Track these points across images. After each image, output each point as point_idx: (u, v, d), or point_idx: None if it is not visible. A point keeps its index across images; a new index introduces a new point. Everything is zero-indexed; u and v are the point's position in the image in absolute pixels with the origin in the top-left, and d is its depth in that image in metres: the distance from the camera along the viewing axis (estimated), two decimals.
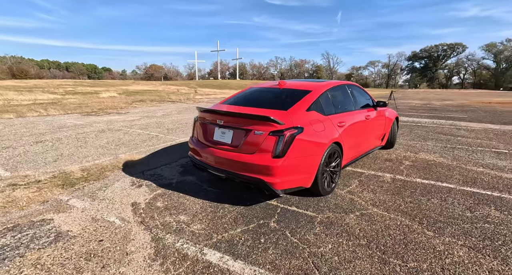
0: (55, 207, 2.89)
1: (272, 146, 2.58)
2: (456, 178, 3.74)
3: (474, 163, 4.45)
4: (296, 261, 2.02)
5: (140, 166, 4.22)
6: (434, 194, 3.21)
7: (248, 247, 2.21)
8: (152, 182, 3.58)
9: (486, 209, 2.82)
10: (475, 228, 2.47)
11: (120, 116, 9.81)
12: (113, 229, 2.48)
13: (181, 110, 11.83)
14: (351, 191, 3.30)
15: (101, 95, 20.75)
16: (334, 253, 2.10)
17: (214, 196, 3.18)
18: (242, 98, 3.59)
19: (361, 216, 2.69)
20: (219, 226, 2.54)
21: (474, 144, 5.83)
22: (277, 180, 2.59)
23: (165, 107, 13.38)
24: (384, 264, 1.97)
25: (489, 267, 1.93)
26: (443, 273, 1.88)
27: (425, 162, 4.49)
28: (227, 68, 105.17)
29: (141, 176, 3.81)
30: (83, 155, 4.79)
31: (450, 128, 7.93)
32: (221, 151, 2.87)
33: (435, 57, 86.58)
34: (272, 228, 2.48)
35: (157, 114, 10.52)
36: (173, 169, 4.11)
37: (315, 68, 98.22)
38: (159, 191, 3.32)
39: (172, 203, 3.00)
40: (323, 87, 3.39)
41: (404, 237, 2.32)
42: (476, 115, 11.06)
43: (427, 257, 2.04)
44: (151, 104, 14.77)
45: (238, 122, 2.79)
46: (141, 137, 6.20)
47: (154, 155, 4.82)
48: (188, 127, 7.60)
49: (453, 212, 2.76)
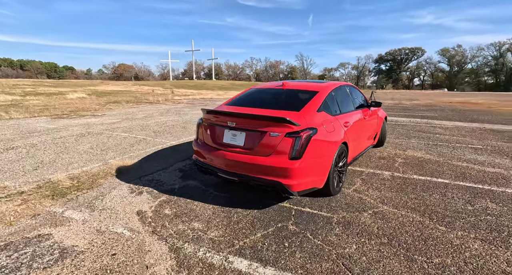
0: (50, 221, 2.61)
1: (289, 148, 2.55)
2: (448, 173, 3.98)
3: (457, 158, 4.78)
4: (327, 264, 2.00)
5: (134, 171, 3.97)
6: (433, 189, 3.39)
7: (274, 252, 2.16)
8: (152, 189, 3.38)
9: (483, 202, 3.03)
10: (480, 221, 2.63)
11: (97, 119, 9.22)
12: (124, 241, 2.29)
13: (162, 112, 11.39)
14: (357, 190, 3.37)
15: (68, 96, 19.38)
16: (361, 254, 2.12)
17: (223, 200, 3.07)
18: (248, 99, 3.52)
19: (375, 214, 2.75)
20: (237, 231, 2.45)
21: (452, 141, 6.27)
22: (294, 182, 2.56)
23: (144, 108, 12.81)
24: (411, 261, 2.02)
25: (506, 259, 2.06)
26: (466, 266, 1.97)
27: (416, 159, 4.73)
28: (202, 68, 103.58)
29: (139, 182, 3.59)
30: (66, 162, 4.41)
31: (426, 126, 8.46)
32: (233, 154, 2.78)
33: (399, 60, 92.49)
34: (292, 231, 2.45)
35: (137, 116, 10.03)
36: (172, 173, 3.92)
37: (290, 69, 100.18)
38: (163, 197, 3.14)
39: (181, 209, 2.86)
40: (328, 87, 3.43)
41: (420, 233, 2.40)
42: (445, 114, 11.93)
43: (448, 252, 2.13)
44: (128, 106, 14.07)
45: (252, 123, 2.72)
46: (128, 141, 5.86)
47: (147, 159, 4.57)
48: (175, 129, 7.32)
49: (456, 206, 2.92)
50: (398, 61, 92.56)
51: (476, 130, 7.71)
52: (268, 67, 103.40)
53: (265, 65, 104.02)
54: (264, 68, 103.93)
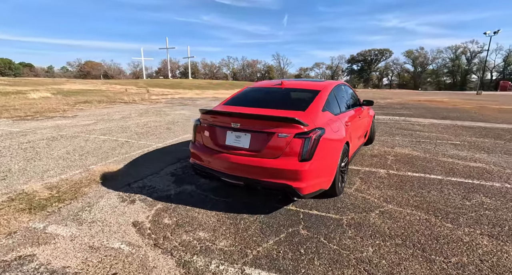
0: (30, 239, 2.28)
1: (299, 149, 2.44)
2: (438, 169, 4.12)
3: (442, 154, 4.99)
4: (349, 271, 1.92)
5: (122, 178, 3.65)
6: (430, 186, 3.47)
7: (291, 260, 2.04)
8: (146, 196, 3.12)
9: (478, 197, 3.15)
10: (480, 216, 2.72)
11: (69, 120, 8.50)
12: (123, 258, 2.05)
13: (141, 112, 10.80)
14: (359, 189, 3.36)
15: (29, 96, 17.75)
16: (379, 257, 2.07)
17: (225, 206, 2.90)
18: (248, 99, 3.36)
19: (382, 214, 2.74)
20: (248, 239, 2.30)
21: (433, 137, 6.57)
22: (304, 184, 2.46)
23: (120, 109, 12.08)
24: (430, 262, 2.01)
25: None
26: (483, 264, 1.99)
27: (405, 156, 4.87)
28: (177, 67, 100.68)
29: (129, 189, 3.29)
30: (40, 170, 3.96)
31: (405, 123, 8.83)
32: (238, 157, 2.62)
33: (369, 60, 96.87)
34: (305, 236, 2.35)
35: (114, 117, 9.41)
36: (164, 178, 3.66)
37: (267, 69, 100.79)
38: (160, 205, 2.90)
39: (182, 218, 2.64)
40: (328, 86, 3.38)
41: (430, 232, 2.41)
42: (419, 112, 12.59)
43: (462, 250, 2.15)
44: (101, 106, 13.20)
45: (258, 124, 2.57)
46: (109, 144, 5.43)
47: (134, 164, 4.24)
48: (159, 130, 6.94)
49: (455, 202, 3.01)
50: (369, 62, 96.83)
51: (450, 127, 8.18)
52: (245, 66, 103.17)
53: (242, 64, 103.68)
54: (241, 67, 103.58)
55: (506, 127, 8.20)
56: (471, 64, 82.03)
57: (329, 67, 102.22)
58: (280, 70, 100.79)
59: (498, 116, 11.12)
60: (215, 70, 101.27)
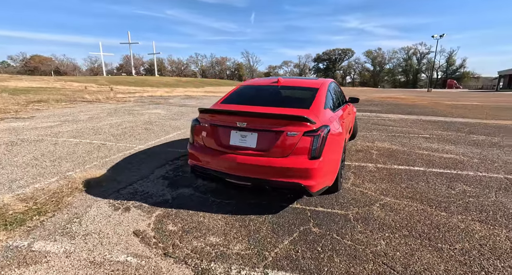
0: (15, 259, 1.99)
1: (308, 148, 2.44)
2: (419, 161, 4.43)
3: (418, 147, 5.37)
4: (369, 265, 1.97)
5: (108, 184, 3.35)
6: (416, 177, 3.71)
7: (311, 259, 2.03)
8: (141, 202, 2.90)
9: (459, 186, 3.43)
10: (467, 203, 2.96)
11: (26, 123, 7.62)
12: (133, 271, 1.88)
13: (110, 112, 10.06)
14: (354, 183, 3.47)
15: None
16: (393, 249, 2.15)
17: (230, 208, 2.81)
18: (246, 97, 3.27)
19: (382, 207, 2.85)
20: (262, 241, 2.25)
21: (405, 131, 7.05)
22: (314, 182, 2.47)
23: (84, 108, 11.14)
24: (439, 251, 2.13)
25: (506, 236, 2.33)
26: (483, 248, 2.17)
27: (386, 150, 5.15)
28: (141, 63, 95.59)
29: (120, 196, 3.04)
30: (6, 179, 3.49)
31: (378, 119, 9.37)
32: (245, 157, 2.54)
33: (334, 59, 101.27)
34: (318, 234, 2.36)
35: (80, 117, 8.64)
36: (156, 183, 3.43)
37: (236, 66, 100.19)
38: (159, 211, 2.71)
39: (188, 223, 2.50)
40: (324, 84, 3.43)
41: (430, 221, 2.57)
42: (386, 108, 13.45)
43: (462, 237, 2.32)
44: (60, 106, 12.06)
45: (266, 123, 2.51)
46: (83, 148, 4.96)
47: (118, 168, 3.92)
48: (137, 131, 6.52)
49: (442, 192, 3.24)
50: (333, 61, 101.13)
51: (417, 122, 8.86)
52: (214, 63, 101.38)
53: (211, 62, 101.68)
54: (210, 65, 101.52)
55: (462, 121, 9.10)
56: (421, 64, 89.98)
57: (297, 65, 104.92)
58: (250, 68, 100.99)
59: (453, 111, 12.31)
60: (183, 68, 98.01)
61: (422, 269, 1.92)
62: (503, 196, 3.15)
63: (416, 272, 1.88)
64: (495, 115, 10.71)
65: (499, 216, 2.69)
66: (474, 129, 7.50)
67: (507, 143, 5.86)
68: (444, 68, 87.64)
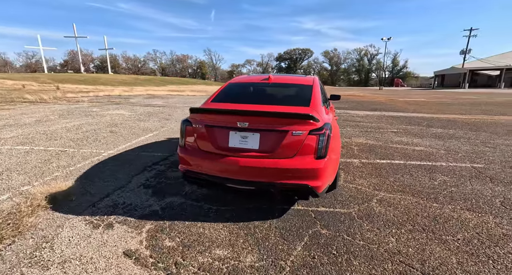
0: None
1: (314, 147, 2.33)
2: (397, 155, 4.65)
3: (391, 141, 5.67)
4: (388, 265, 1.93)
5: (80, 198, 2.89)
6: (400, 171, 3.86)
7: (330, 265, 1.93)
8: (125, 217, 2.53)
9: (439, 177, 3.65)
10: (450, 192, 3.14)
11: None
12: None
13: (63, 114, 8.94)
14: (347, 180, 3.48)
15: None
16: (405, 246, 2.15)
17: (229, 214, 2.59)
18: (239, 95, 3.04)
19: (380, 202, 2.88)
20: (274, 249, 2.09)
21: (375, 127, 7.44)
22: (320, 182, 2.37)
23: (27, 110, 9.76)
24: (445, 243, 2.18)
25: (494, 222, 2.49)
26: (480, 236, 2.27)
27: (364, 145, 5.34)
28: (91, 60, 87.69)
29: (97, 211, 2.62)
30: None
31: (347, 116, 9.78)
32: (247, 160, 2.34)
33: (294, 59, 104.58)
34: (329, 236, 2.27)
35: (24, 120, 7.51)
36: (137, 192, 3.05)
37: (199, 64, 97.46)
38: (149, 226, 2.38)
39: (186, 237, 2.22)
40: (315, 81, 3.36)
41: (427, 213, 2.66)
42: (351, 105, 14.16)
43: (460, 226, 2.42)
44: None
45: (269, 122, 2.34)
46: (37, 157, 4.25)
47: (87, 178, 3.42)
48: (101, 135, 5.84)
49: (427, 183, 3.41)
50: (294, 60, 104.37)
51: (382, 117, 9.45)
52: (175, 61, 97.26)
53: (171, 59, 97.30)
54: (170, 62, 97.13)
55: (419, 116, 9.94)
56: (371, 64, 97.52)
57: (260, 64, 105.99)
58: (213, 66, 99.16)
59: (408, 107, 13.43)
60: (140, 65, 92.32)
61: (437, 264, 1.93)
62: (477, 183, 3.42)
63: (434, 268, 1.89)
64: (442, 110, 11.93)
65: (482, 203, 2.89)
66: (431, 123, 8.22)
67: (460, 134, 6.49)
68: (391, 68, 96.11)
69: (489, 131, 6.89)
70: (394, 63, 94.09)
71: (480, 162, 4.29)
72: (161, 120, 8.06)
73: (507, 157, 4.57)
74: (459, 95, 24.89)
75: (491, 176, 3.67)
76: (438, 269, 1.87)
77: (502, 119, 9.14)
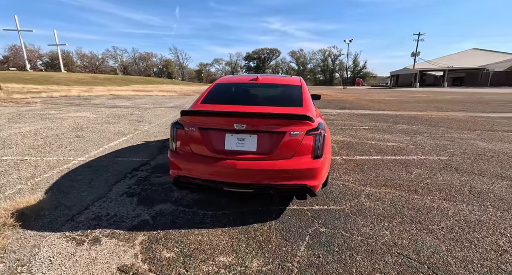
0: None
1: (311, 147, 2.36)
2: (373, 151, 4.92)
3: (365, 138, 5.99)
4: (388, 258, 2.01)
5: (53, 212, 2.59)
6: (379, 166, 4.09)
7: (335, 262, 1.96)
8: (112, 229, 2.32)
9: (414, 170, 3.94)
10: (427, 184, 3.40)
11: None
12: None
13: (13, 118, 7.99)
14: (334, 177, 3.59)
15: None
16: (399, 238, 2.26)
17: (226, 219, 2.51)
18: (229, 96, 2.96)
19: (368, 197, 3.02)
20: (278, 251, 2.07)
21: (348, 124, 7.80)
22: (317, 182, 2.41)
23: None
24: (432, 232, 2.35)
25: (469, 210, 2.75)
26: (460, 223, 2.49)
27: (342, 142, 5.56)
28: (38, 56, 79.40)
29: (78, 226, 2.37)
30: None
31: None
32: (245, 162, 2.29)
33: (263, 58, 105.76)
34: (328, 234, 2.31)
35: None
36: (120, 201, 2.83)
37: (165, 63, 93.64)
38: (142, 237, 2.22)
39: (185, 245, 2.11)
40: (302, 81, 3.41)
41: (412, 205, 2.84)
42: (321, 104, 14.66)
43: (441, 215, 2.62)
44: None
45: (266, 124, 2.31)
46: None
47: (59, 189, 3.09)
48: (67, 140, 5.31)
49: (404, 176, 3.65)
50: (263, 60, 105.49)
51: (352, 115, 9.94)
52: (138, 59, 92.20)
53: (134, 57, 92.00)
54: (133, 60, 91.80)
55: (384, 113, 10.65)
56: (335, 64, 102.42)
57: (229, 63, 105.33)
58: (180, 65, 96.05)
59: (373, 105, 14.32)
60: (98, 63, 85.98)
61: (430, 253, 2.07)
62: (446, 174, 3.75)
63: (429, 257, 2.02)
64: (403, 108, 12.92)
65: (454, 192, 3.17)
66: (396, 120, 8.85)
67: (423, 130, 7.08)
68: (352, 68, 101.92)
69: (445, 126, 7.62)
70: (355, 64, 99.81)
71: (444, 155, 4.71)
72: (132, 122, 7.59)
73: (465, 149, 5.09)
74: (413, 93, 27.21)
75: (456, 167, 4.05)
76: (432, 258, 2.01)
77: (453, 115, 10.16)
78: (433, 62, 51.85)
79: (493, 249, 2.11)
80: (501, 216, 2.62)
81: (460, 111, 11.34)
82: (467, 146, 5.33)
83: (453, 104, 14.36)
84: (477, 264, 1.94)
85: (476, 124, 7.99)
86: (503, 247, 2.13)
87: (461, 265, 1.92)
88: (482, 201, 2.94)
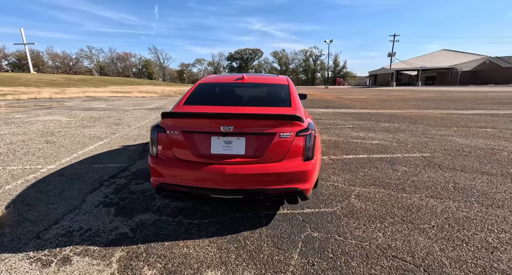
0: None
1: (302, 148, 2.25)
2: (359, 150, 4.92)
3: (351, 137, 6.01)
4: (383, 262, 1.95)
5: (16, 229, 2.31)
6: (366, 164, 4.08)
7: (331, 269, 1.87)
8: (85, 246, 2.09)
9: (400, 168, 3.96)
10: (413, 182, 3.41)
11: None
12: None
13: None
14: (323, 178, 3.51)
15: None
16: (392, 239, 2.21)
17: (213, 228, 2.35)
18: (214, 96, 2.79)
19: (358, 198, 2.96)
20: (271, 261, 1.94)
21: (332, 123, 7.83)
22: (309, 185, 2.31)
23: None
24: (423, 231, 2.32)
25: (456, 206, 2.76)
26: (449, 220, 2.48)
27: (328, 141, 5.54)
28: (3, 56, 74.52)
29: (44, 244, 2.12)
30: None
31: None
32: (234, 166, 2.14)
33: (245, 59, 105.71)
34: (321, 238, 2.22)
35: None
36: (95, 213, 2.58)
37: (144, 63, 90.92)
38: (120, 253, 2.01)
39: (169, 260, 1.93)
40: (289, 80, 3.31)
41: (401, 204, 2.81)
42: (306, 103, 14.66)
43: (430, 213, 2.61)
44: None
45: (255, 125, 2.17)
46: None
47: (23, 202, 2.79)
48: (35, 146, 4.89)
49: (391, 175, 3.65)
50: (245, 60, 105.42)
51: (336, 114, 10.04)
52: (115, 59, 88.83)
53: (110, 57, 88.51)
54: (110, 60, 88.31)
55: (366, 112, 10.86)
56: (316, 64, 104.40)
57: (211, 63, 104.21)
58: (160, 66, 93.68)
59: (355, 104, 14.60)
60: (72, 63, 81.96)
61: (425, 254, 2.02)
62: (431, 172, 3.79)
63: (423, 258, 1.97)
64: (383, 106, 13.27)
65: (440, 189, 3.19)
66: (378, 118, 9.02)
67: (404, 127, 7.25)
68: (332, 68, 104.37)
69: (424, 124, 7.85)
70: (335, 64, 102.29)
71: (426, 152, 4.80)
72: (110, 125, 7.18)
73: (444, 146, 5.22)
74: (391, 92, 28.15)
75: (439, 164, 4.12)
76: (427, 259, 1.96)
77: (429, 112, 10.54)
78: (408, 62, 54.20)
79: (484, 246, 2.11)
80: (487, 211, 2.65)
81: (436, 108, 11.80)
82: (446, 142, 5.48)
83: (428, 102, 14.95)
84: (471, 263, 1.91)
85: (452, 121, 8.31)
86: (492, 244, 2.13)
87: (456, 266, 1.89)
88: (467, 197, 2.97)
